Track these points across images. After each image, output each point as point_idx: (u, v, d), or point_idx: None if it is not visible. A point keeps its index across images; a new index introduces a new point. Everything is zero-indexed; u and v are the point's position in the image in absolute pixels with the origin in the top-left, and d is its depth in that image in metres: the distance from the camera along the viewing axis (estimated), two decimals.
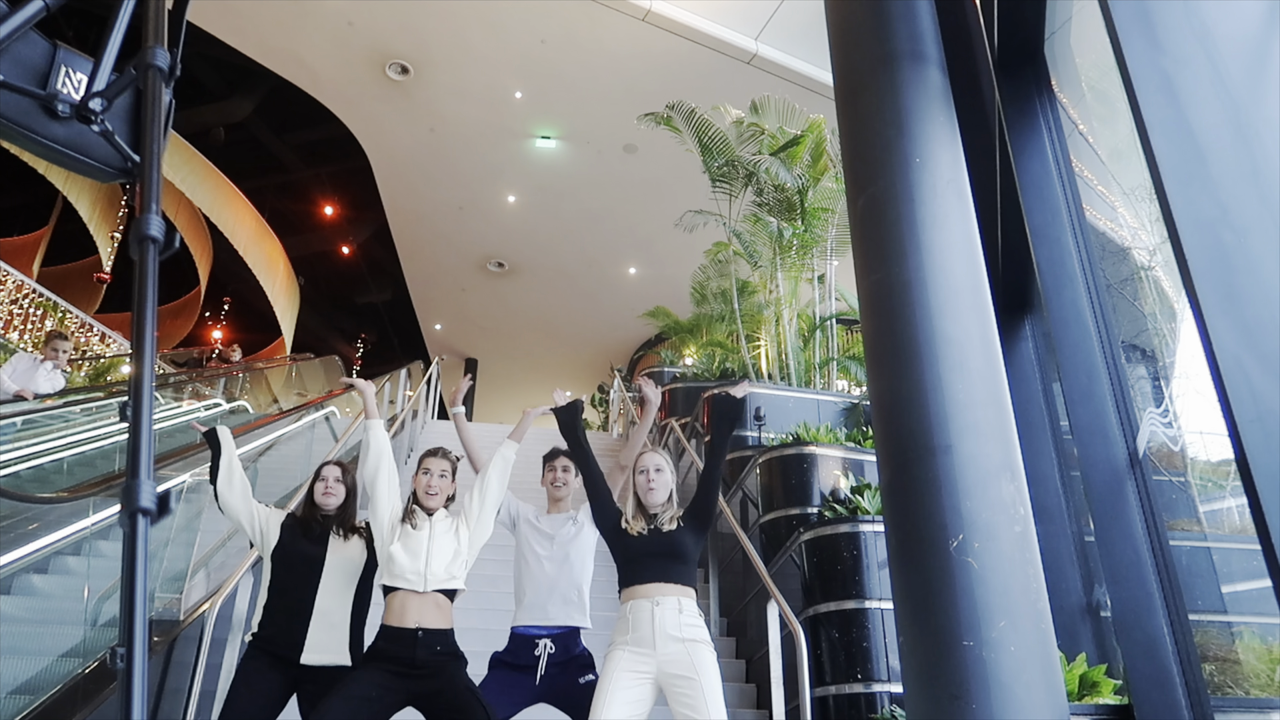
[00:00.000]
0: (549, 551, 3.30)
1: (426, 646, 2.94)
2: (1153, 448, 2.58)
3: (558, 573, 3.26)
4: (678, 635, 2.81)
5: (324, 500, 3.39)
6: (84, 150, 0.97)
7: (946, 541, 2.10)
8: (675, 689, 2.77)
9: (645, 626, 2.84)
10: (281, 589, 3.21)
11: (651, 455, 3.18)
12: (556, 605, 3.20)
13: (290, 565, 3.23)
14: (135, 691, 0.70)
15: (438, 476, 3.25)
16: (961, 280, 2.42)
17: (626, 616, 2.92)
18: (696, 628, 2.86)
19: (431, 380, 11.29)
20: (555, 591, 3.22)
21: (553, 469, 3.48)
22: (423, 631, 2.96)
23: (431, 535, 3.13)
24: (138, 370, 0.81)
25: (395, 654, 2.92)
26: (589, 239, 15.59)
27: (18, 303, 13.04)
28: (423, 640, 2.94)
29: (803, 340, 9.25)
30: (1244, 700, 2.23)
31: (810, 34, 10.68)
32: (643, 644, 2.83)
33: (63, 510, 4.33)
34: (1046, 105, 3.01)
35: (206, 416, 9.64)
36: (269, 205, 17.78)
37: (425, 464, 3.29)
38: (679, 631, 2.82)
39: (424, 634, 2.95)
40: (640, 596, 2.91)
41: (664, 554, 2.96)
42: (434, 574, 3.05)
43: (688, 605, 2.90)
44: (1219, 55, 1.77)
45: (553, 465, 3.49)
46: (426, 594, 3.01)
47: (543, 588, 3.24)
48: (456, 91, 12.23)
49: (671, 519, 3.05)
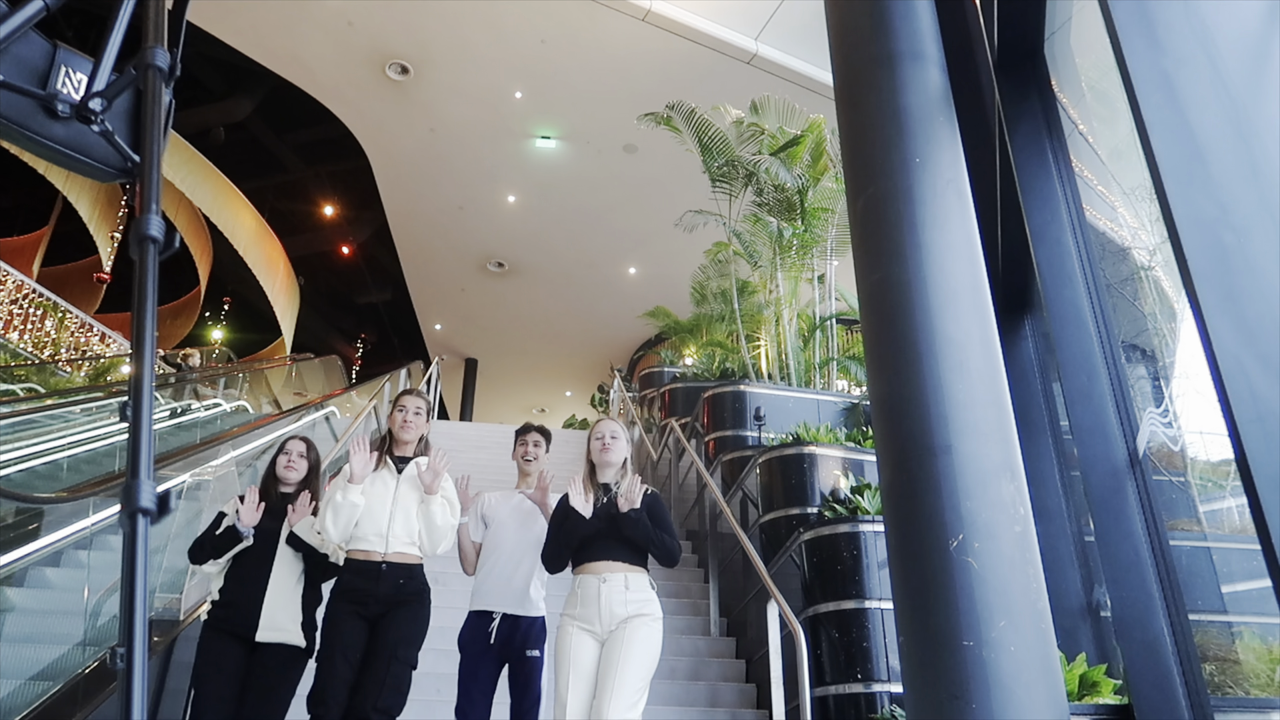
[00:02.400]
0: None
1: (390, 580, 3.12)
2: (1153, 448, 2.58)
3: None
4: (623, 613, 2.93)
5: (285, 474, 3.41)
6: (84, 150, 0.96)
7: (946, 541, 2.10)
8: (607, 646, 2.91)
9: (592, 602, 2.95)
10: (238, 563, 3.23)
11: (608, 422, 3.30)
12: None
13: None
14: (135, 691, 0.70)
15: (413, 413, 3.37)
16: (961, 280, 2.42)
17: (575, 591, 3.03)
18: (642, 602, 2.96)
19: (431, 380, 11.29)
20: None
21: (524, 443, 3.64)
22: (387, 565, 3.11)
23: (396, 494, 3.23)
24: (138, 370, 0.81)
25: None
26: (589, 239, 15.59)
27: (18, 303, 13.04)
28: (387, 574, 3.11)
29: (803, 340, 9.25)
30: (1244, 700, 2.23)
31: (810, 34, 10.68)
32: (590, 620, 2.94)
33: (63, 510, 4.33)
34: (1046, 105, 3.01)
35: (206, 417, 9.64)
36: (269, 205, 17.79)
37: (401, 401, 3.41)
38: (625, 608, 2.93)
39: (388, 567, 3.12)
40: (588, 573, 3.02)
41: (611, 532, 3.03)
42: (395, 535, 3.15)
43: (635, 580, 2.99)
44: (1219, 55, 1.77)
45: (524, 440, 3.65)
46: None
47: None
48: (456, 91, 12.23)
49: (629, 492, 3.06)
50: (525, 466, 3.59)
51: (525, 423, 3.78)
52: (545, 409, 23.14)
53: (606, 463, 3.18)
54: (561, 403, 22.47)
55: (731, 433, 7.53)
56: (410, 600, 3.15)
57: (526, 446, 3.60)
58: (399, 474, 3.29)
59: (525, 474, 3.59)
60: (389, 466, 3.31)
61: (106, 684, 3.27)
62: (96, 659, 3.47)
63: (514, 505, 3.51)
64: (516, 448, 3.64)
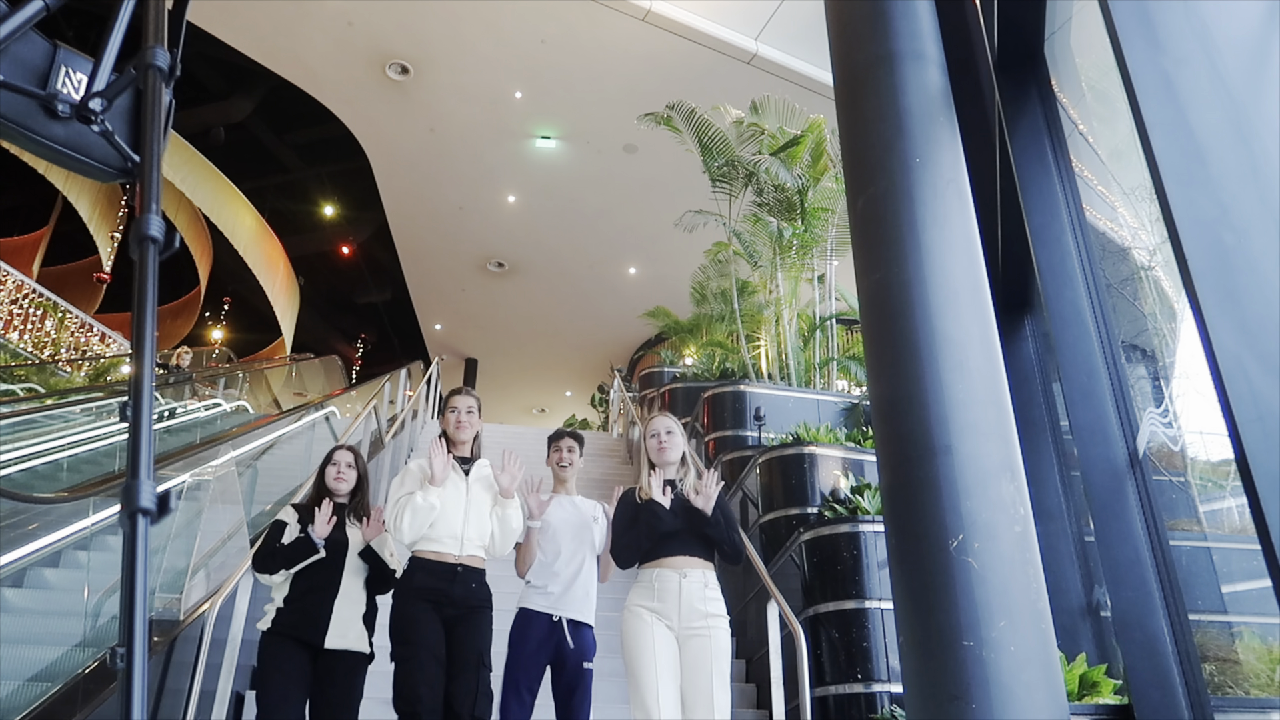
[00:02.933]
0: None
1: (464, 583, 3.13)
2: (1153, 448, 2.57)
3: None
4: (702, 609, 2.94)
5: (335, 485, 3.42)
6: (84, 150, 0.96)
7: (946, 541, 2.10)
8: (691, 648, 2.90)
9: (672, 598, 2.95)
10: (306, 572, 3.23)
11: (661, 419, 3.29)
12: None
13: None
14: (135, 691, 0.70)
15: (465, 412, 3.36)
16: (961, 280, 2.42)
17: (653, 584, 3.00)
18: (718, 601, 2.99)
19: (431, 380, 11.29)
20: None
21: (558, 449, 3.61)
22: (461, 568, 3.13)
23: (469, 494, 3.23)
24: (138, 370, 0.81)
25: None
26: (589, 239, 15.59)
27: (18, 303, 13.04)
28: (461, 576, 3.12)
29: (803, 340, 9.25)
30: (1244, 700, 2.23)
31: (810, 34, 10.67)
32: (668, 615, 2.94)
33: (63, 510, 4.33)
34: (1046, 105, 3.01)
35: (206, 417, 9.64)
36: (269, 205, 17.79)
37: (452, 403, 3.40)
38: (704, 605, 2.95)
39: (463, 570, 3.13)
40: (667, 567, 3.01)
41: (693, 528, 3.04)
42: (469, 539, 3.16)
43: (712, 579, 3.02)
44: (1219, 55, 1.77)
45: (558, 446, 3.62)
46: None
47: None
48: (456, 91, 12.23)
49: (706, 491, 3.06)
50: (560, 473, 3.57)
51: (558, 429, 3.79)
52: (545, 409, 23.14)
53: (666, 461, 3.18)
54: (561, 403, 22.47)
55: (731, 433, 7.53)
56: (484, 606, 3.17)
57: (561, 453, 3.59)
58: (466, 475, 3.27)
59: (561, 480, 3.58)
60: (455, 468, 3.28)
61: (106, 684, 3.27)
62: (96, 659, 3.47)
63: (567, 512, 3.48)
64: (551, 454, 3.63)
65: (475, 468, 3.32)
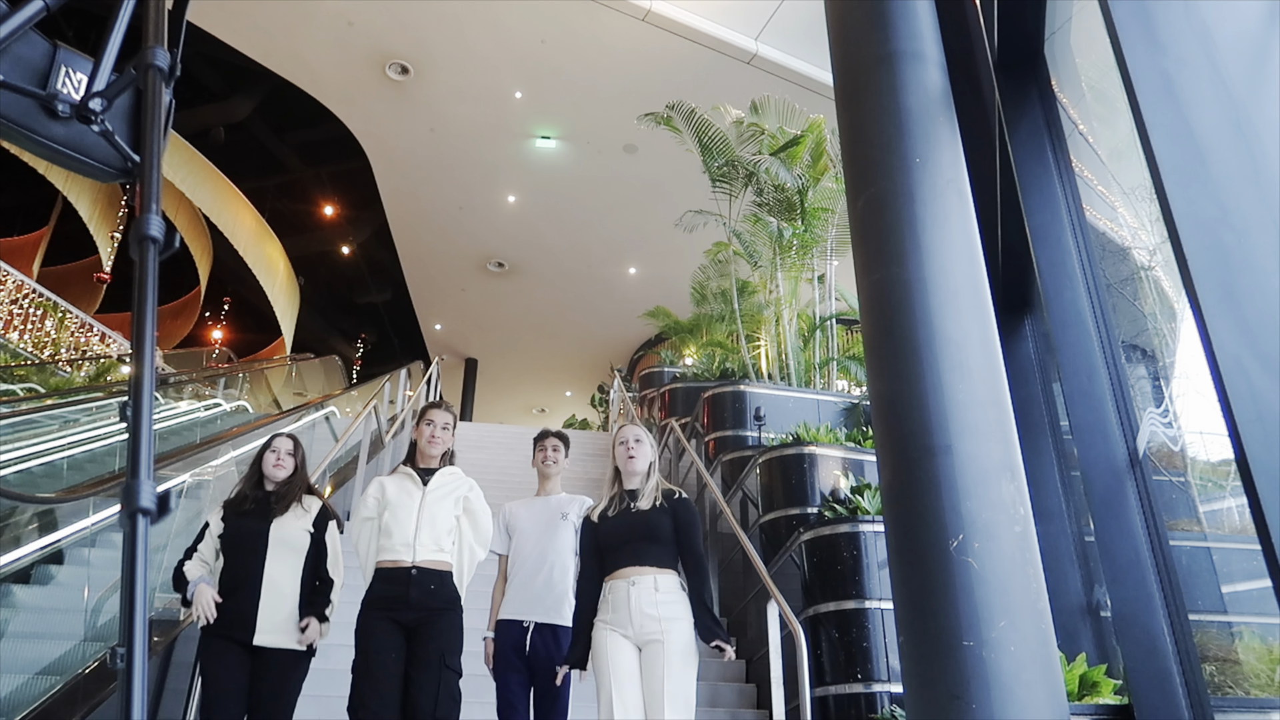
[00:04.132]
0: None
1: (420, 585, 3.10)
2: (1153, 448, 2.57)
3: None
4: (654, 614, 2.92)
5: (273, 471, 3.37)
6: (84, 150, 0.96)
7: (946, 541, 2.10)
8: (646, 653, 2.91)
9: (623, 607, 2.94)
10: (230, 568, 3.20)
11: (631, 427, 3.28)
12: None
13: (236, 544, 3.22)
14: (135, 691, 0.70)
15: (440, 428, 3.33)
16: (961, 280, 2.42)
17: (606, 597, 3.03)
18: (672, 603, 2.95)
19: (431, 380, 11.30)
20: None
21: (543, 449, 3.62)
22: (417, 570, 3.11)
23: (423, 504, 3.22)
24: (138, 370, 0.81)
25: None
26: (589, 239, 15.59)
27: (18, 303, 13.05)
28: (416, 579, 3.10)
29: (803, 340, 9.25)
30: (1244, 700, 2.23)
31: (810, 34, 10.67)
32: (622, 624, 2.94)
33: (63, 510, 4.33)
34: (1046, 105, 3.01)
35: (206, 417, 9.64)
36: (269, 205, 17.78)
37: (429, 415, 3.37)
38: (655, 609, 2.92)
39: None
40: (617, 578, 3.01)
41: (638, 537, 3.04)
42: (422, 544, 3.14)
43: (664, 582, 2.98)
44: (1219, 55, 1.77)
45: (543, 445, 3.63)
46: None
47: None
48: (456, 91, 12.23)
49: (651, 496, 3.09)
50: (545, 470, 3.58)
51: (543, 429, 3.77)
52: (545, 409, 23.14)
53: (633, 470, 3.18)
54: (561, 403, 22.47)
55: (731, 433, 7.53)
56: (446, 609, 3.14)
57: (545, 452, 3.59)
58: (424, 485, 3.27)
59: (545, 479, 3.58)
60: (413, 478, 3.28)
61: (107, 684, 3.27)
62: (96, 659, 3.47)
63: (535, 512, 3.49)
64: (536, 453, 3.62)
65: (437, 476, 3.30)
